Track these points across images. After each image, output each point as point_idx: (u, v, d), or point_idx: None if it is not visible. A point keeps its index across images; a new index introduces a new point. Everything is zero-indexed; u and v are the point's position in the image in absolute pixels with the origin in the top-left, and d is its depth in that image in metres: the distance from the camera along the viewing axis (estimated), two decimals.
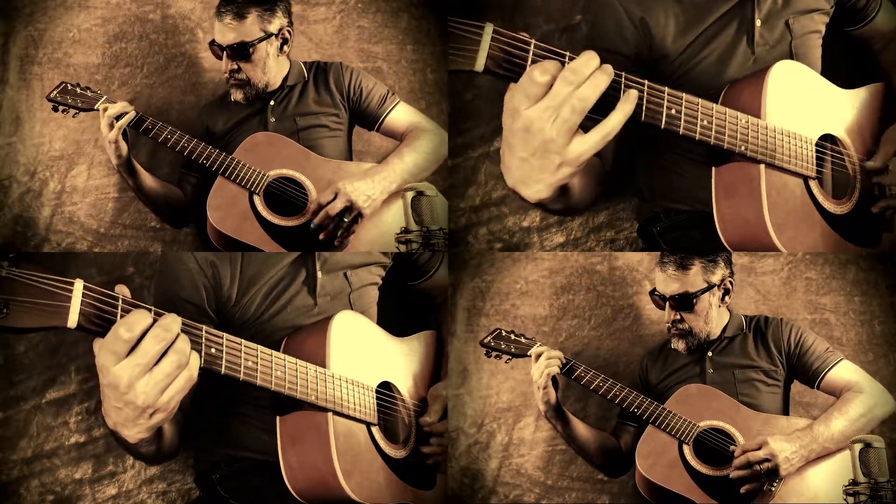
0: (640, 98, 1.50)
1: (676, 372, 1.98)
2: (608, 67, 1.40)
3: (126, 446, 1.53)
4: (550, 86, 1.38)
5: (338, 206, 1.92)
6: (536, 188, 1.47)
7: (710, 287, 1.92)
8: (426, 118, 2.10)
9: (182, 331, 1.39)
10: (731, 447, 1.83)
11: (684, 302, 1.92)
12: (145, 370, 1.33)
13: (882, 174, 1.82)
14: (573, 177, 1.47)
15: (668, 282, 1.92)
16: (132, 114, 1.86)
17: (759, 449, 1.80)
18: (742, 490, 1.80)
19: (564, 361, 1.85)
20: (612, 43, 1.83)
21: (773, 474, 1.79)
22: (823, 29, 1.88)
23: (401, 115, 2.08)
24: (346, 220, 1.93)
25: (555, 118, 1.38)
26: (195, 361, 1.39)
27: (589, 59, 1.39)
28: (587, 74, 1.38)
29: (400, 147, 2.04)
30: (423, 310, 2.10)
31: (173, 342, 1.36)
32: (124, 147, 1.86)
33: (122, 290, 1.37)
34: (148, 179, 1.96)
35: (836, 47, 1.93)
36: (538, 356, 1.84)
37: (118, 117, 1.84)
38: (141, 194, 1.98)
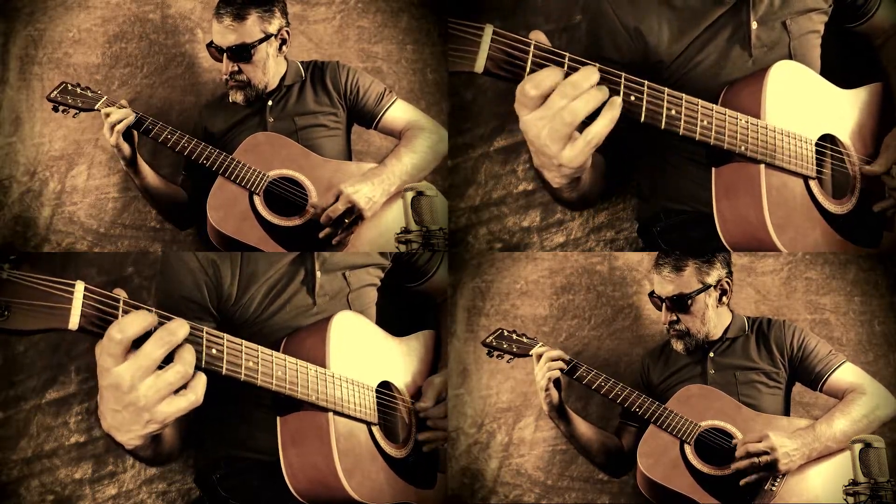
0: (640, 99, 1.51)
1: (678, 372, 1.98)
2: (604, 88, 1.46)
3: (123, 449, 1.53)
4: (546, 96, 1.44)
5: (339, 208, 1.92)
6: (551, 175, 1.59)
7: (705, 288, 1.91)
8: (424, 115, 2.10)
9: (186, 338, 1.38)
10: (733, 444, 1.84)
11: (680, 303, 1.92)
12: (147, 372, 1.31)
13: (888, 177, 1.82)
14: (578, 175, 1.57)
15: (664, 283, 1.92)
16: (131, 118, 1.86)
17: (759, 441, 1.80)
18: (741, 483, 1.81)
19: (567, 361, 1.85)
20: (606, 52, 1.84)
21: (772, 468, 1.79)
22: (822, 29, 1.88)
23: (398, 112, 2.08)
24: (346, 221, 1.94)
25: (548, 127, 1.45)
26: (200, 388, 1.37)
27: (589, 74, 1.45)
28: (585, 88, 1.44)
29: (398, 147, 2.04)
30: (423, 310, 2.10)
31: (179, 348, 1.34)
32: (127, 148, 1.88)
33: (119, 294, 1.36)
34: (153, 179, 1.97)
35: (835, 47, 1.93)
36: (539, 356, 1.85)
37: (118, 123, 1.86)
38: (146, 194, 1.99)
